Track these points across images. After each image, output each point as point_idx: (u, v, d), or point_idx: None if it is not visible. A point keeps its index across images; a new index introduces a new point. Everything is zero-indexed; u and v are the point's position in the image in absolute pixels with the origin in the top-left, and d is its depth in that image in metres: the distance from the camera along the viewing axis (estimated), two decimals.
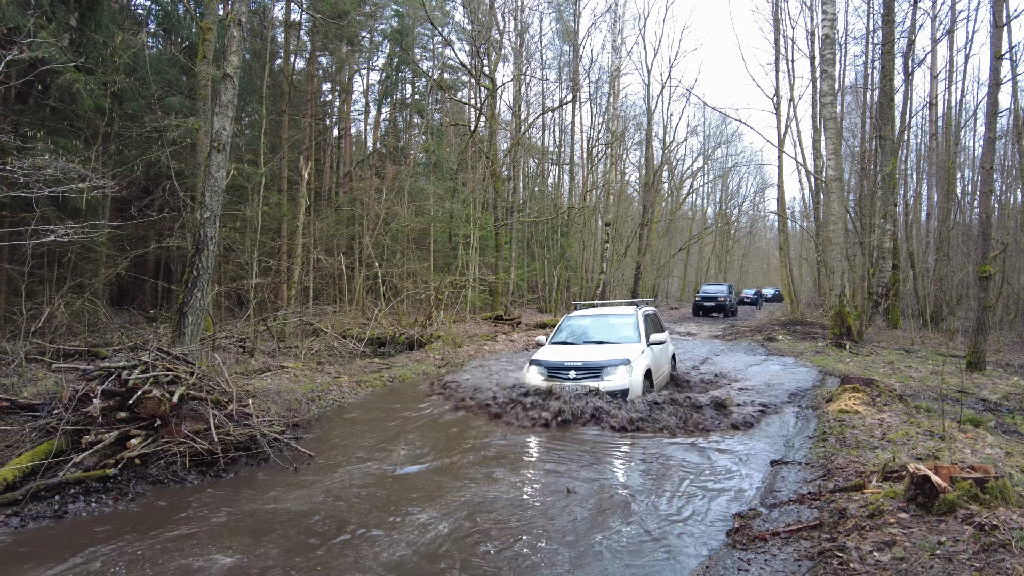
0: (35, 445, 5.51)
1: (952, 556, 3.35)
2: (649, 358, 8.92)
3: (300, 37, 25.57)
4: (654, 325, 10.35)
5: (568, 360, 8.58)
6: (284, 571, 3.83)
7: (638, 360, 8.54)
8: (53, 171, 9.12)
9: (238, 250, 16.94)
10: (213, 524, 4.57)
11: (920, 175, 33.63)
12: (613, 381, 8.22)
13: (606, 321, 10.03)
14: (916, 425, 6.88)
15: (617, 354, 8.66)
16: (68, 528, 4.52)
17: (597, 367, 8.35)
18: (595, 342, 9.44)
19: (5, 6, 9.47)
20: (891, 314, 23.42)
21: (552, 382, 8.38)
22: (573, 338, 9.82)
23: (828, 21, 15.40)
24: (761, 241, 70.17)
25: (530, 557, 4.00)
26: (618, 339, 9.39)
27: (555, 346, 9.55)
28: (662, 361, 9.78)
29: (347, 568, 3.87)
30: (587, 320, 10.24)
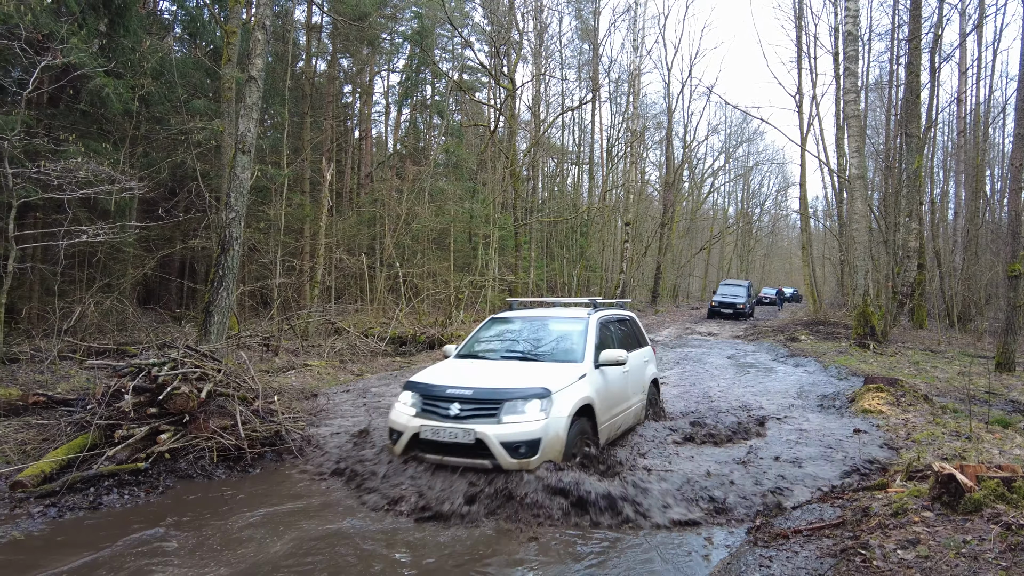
0: (70, 439, 5.68)
1: (978, 555, 3.33)
2: (591, 388, 5.74)
3: (321, 40, 25.85)
4: (620, 338, 7.13)
5: (454, 386, 5.41)
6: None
7: (565, 392, 5.36)
8: (85, 173, 9.37)
9: (262, 250, 17.19)
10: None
11: (948, 172, 33.07)
12: (515, 426, 4.99)
13: (542, 328, 6.85)
14: (942, 425, 6.80)
15: (533, 379, 5.46)
16: (103, 518, 4.66)
17: (493, 400, 5.15)
18: (517, 357, 6.34)
19: (39, 13, 9.74)
20: (917, 314, 23.06)
21: (424, 420, 5.25)
22: (488, 350, 6.64)
23: (851, 18, 15.21)
24: (783, 240, 69.44)
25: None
26: (550, 355, 6.31)
27: (459, 361, 6.46)
28: (623, 392, 6.58)
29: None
30: (516, 325, 6.99)
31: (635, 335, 7.82)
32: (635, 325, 8.02)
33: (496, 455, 4.92)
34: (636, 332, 7.92)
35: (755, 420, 7.71)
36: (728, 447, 6.60)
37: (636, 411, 7.08)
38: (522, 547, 4.26)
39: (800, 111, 29.60)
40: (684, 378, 11.47)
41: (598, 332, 6.50)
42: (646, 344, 8.03)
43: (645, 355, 7.70)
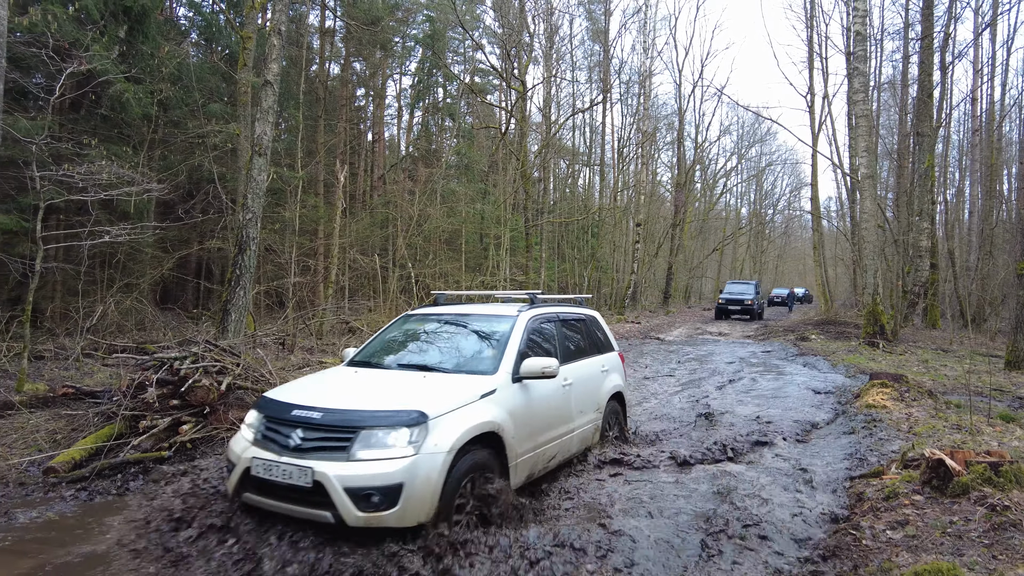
0: (98, 428, 5.95)
1: (962, 534, 3.48)
2: (500, 410, 4.38)
3: (335, 43, 26.22)
4: (567, 342, 5.87)
5: (304, 405, 4.10)
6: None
7: (452, 416, 4.00)
8: (107, 176, 9.68)
9: (277, 250, 17.51)
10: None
11: (963, 172, 32.90)
12: (368, 465, 3.69)
13: (460, 329, 5.53)
14: (944, 419, 6.91)
15: (410, 398, 4.12)
16: (129, 502, 4.91)
17: (346, 427, 3.85)
18: (415, 366, 4.95)
19: (64, 22, 10.07)
20: (930, 314, 22.98)
21: (259, 451, 3.95)
22: (385, 355, 5.30)
23: (859, 18, 15.27)
24: (797, 241, 69.09)
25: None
26: (456, 365, 4.97)
27: (344, 369, 5.17)
28: (559, 412, 5.24)
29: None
30: (430, 325, 5.71)
31: (593, 339, 6.40)
32: (594, 326, 6.58)
33: (338, 505, 3.54)
34: (595, 335, 6.47)
35: (749, 442, 6.46)
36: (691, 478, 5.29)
37: (584, 435, 5.68)
38: None
39: (811, 111, 29.58)
40: (686, 379, 11.60)
41: (525, 336, 5.10)
42: (610, 349, 6.67)
43: (604, 363, 6.30)
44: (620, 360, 6.86)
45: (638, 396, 9.47)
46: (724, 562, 3.70)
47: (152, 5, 14.50)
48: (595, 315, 6.79)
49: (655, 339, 18.92)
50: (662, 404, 9.03)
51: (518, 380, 4.69)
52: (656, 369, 12.39)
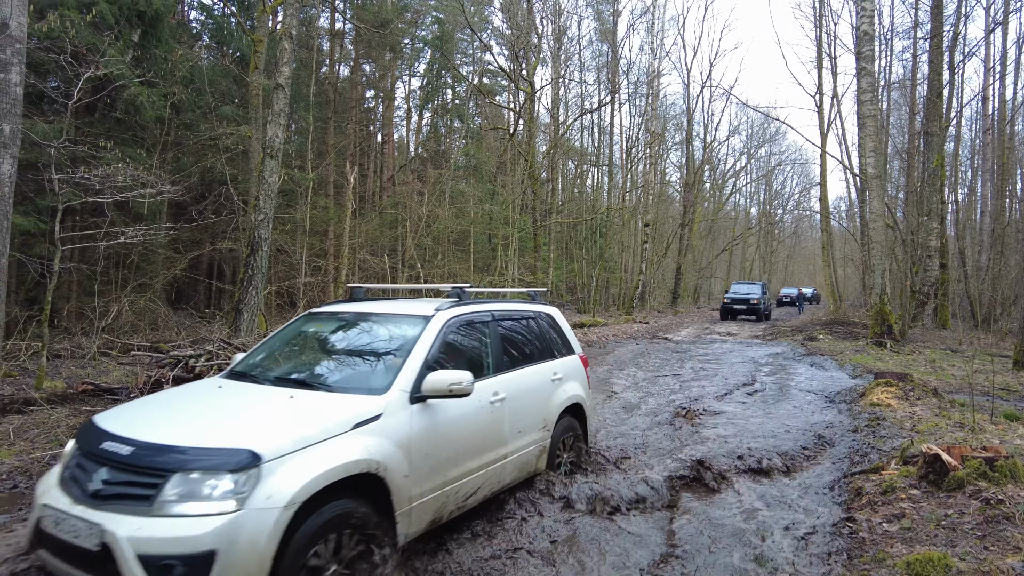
0: None
1: (956, 526, 3.57)
2: (385, 442, 3.44)
3: (345, 46, 26.46)
4: (510, 346, 4.89)
5: (119, 435, 3.17)
6: None
7: (301, 456, 3.03)
8: (123, 178, 9.88)
9: (288, 251, 17.73)
10: None
11: (974, 171, 32.72)
12: (172, 523, 2.73)
13: (365, 332, 4.52)
14: (947, 418, 6.96)
15: (247, 429, 3.22)
16: None
17: (155, 469, 2.90)
18: (294, 381, 3.96)
19: (81, 28, 10.30)
20: (940, 314, 22.89)
21: (56, 497, 3.02)
22: (267, 365, 4.29)
23: (867, 17, 15.28)
24: (807, 241, 68.80)
25: None
26: (342, 380, 4.01)
27: (215, 382, 4.20)
28: (486, 436, 4.28)
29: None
30: (331, 326, 4.70)
31: (544, 341, 5.35)
32: (548, 326, 5.55)
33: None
34: (547, 337, 5.44)
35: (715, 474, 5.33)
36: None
37: (524, 460, 4.65)
38: None
39: (820, 111, 29.52)
40: (689, 379, 11.67)
41: (439, 342, 4.08)
42: (568, 353, 5.62)
43: (558, 370, 5.25)
44: (582, 365, 5.74)
45: (635, 397, 9.51)
46: None
47: (165, 9, 14.74)
48: (551, 312, 5.74)
49: (663, 339, 18.99)
50: (655, 409, 8.37)
51: (419, 400, 3.67)
52: (660, 369, 12.47)
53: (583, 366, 5.80)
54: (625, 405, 8.67)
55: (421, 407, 3.71)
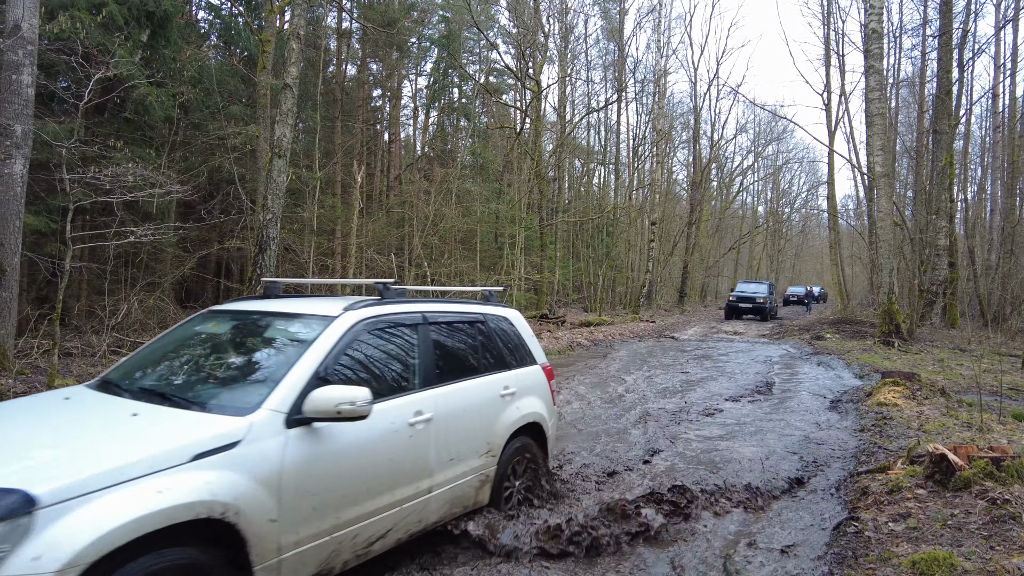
0: None
1: (962, 526, 3.57)
2: (234, 482, 2.62)
3: (352, 45, 26.53)
4: (426, 360, 3.92)
5: None
6: None
7: (104, 499, 2.26)
8: (132, 178, 9.96)
9: (296, 250, 17.81)
10: None
11: (984, 169, 32.52)
12: None
13: (258, 335, 3.81)
14: (955, 417, 6.95)
15: (23, 466, 2.36)
16: None
17: None
18: (158, 395, 3.19)
19: (91, 29, 10.38)
20: (949, 313, 22.76)
21: None
22: (142, 370, 3.65)
23: (875, 15, 15.21)
24: (815, 240, 68.56)
25: None
26: (206, 394, 3.20)
27: (60, 394, 3.46)
28: (394, 471, 3.45)
29: None
30: (226, 327, 3.93)
31: (494, 349, 4.58)
32: (502, 330, 4.77)
33: None
34: (499, 344, 4.66)
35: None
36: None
37: (457, 494, 3.87)
38: None
39: (828, 109, 29.39)
40: (693, 380, 11.67)
41: (339, 349, 3.32)
42: (528, 363, 4.85)
43: (510, 383, 4.48)
44: (545, 377, 4.95)
45: (634, 398, 9.51)
46: None
47: (174, 10, 14.82)
48: (507, 315, 4.93)
49: (670, 337, 18.98)
50: (650, 416, 7.82)
51: (300, 423, 2.92)
52: (665, 369, 12.47)
53: (547, 378, 4.98)
54: (616, 409, 8.49)
55: (303, 432, 2.92)
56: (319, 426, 2.99)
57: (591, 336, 17.95)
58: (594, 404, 8.64)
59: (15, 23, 7.45)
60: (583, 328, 20.04)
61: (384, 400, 3.39)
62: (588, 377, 10.92)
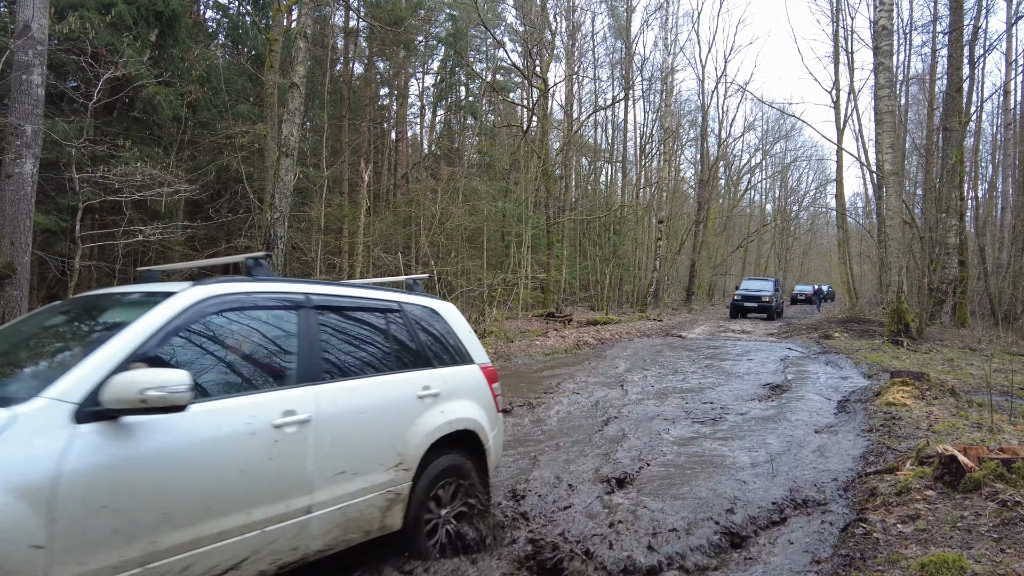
0: None
1: (972, 528, 3.55)
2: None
3: (359, 43, 26.58)
4: (310, 350, 3.18)
5: None
6: None
7: None
8: (141, 177, 10.03)
9: (304, 249, 17.88)
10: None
11: (995, 167, 32.24)
12: None
13: (100, 315, 3.20)
14: (965, 418, 6.89)
15: None
16: None
17: None
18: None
19: (101, 29, 10.45)
20: (959, 312, 22.60)
21: None
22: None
23: (884, 11, 15.09)
24: (823, 238, 68.25)
25: None
26: (11, 381, 2.67)
27: None
28: (246, 484, 2.67)
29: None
30: (63, 315, 3.33)
31: (419, 344, 3.89)
32: (427, 323, 4.06)
33: None
34: (424, 339, 3.96)
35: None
36: None
37: (348, 516, 3.11)
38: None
39: (836, 107, 29.21)
40: (694, 385, 11.62)
41: (175, 329, 2.70)
42: (460, 362, 4.11)
43: (431, 383, 3.74)
44: (484, 380, 4.17)
45: (629, 397, 9.47)
46: None
47: (182, 9, 14.90)
48: (435, 306, 4.19)
49: (677, 336, 18.92)
50: (636, 423, 7.21)
51: (99, 416, 2.28)
52: (671, 369, 12.44)
53: (487, 381, 4.17)
54: (601, 417, 7.77)
55: (104, 429, 2.27)
56: (133, 422, 2.33)
57: (598, 335, 17.93)
58: (583, 407, 8.42)
59: (25, 23, 7.49)
60: (590, 327, 20.01)
61: (236, 395, 2.76)
62: (593, 377, 10.90)
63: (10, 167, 7.32)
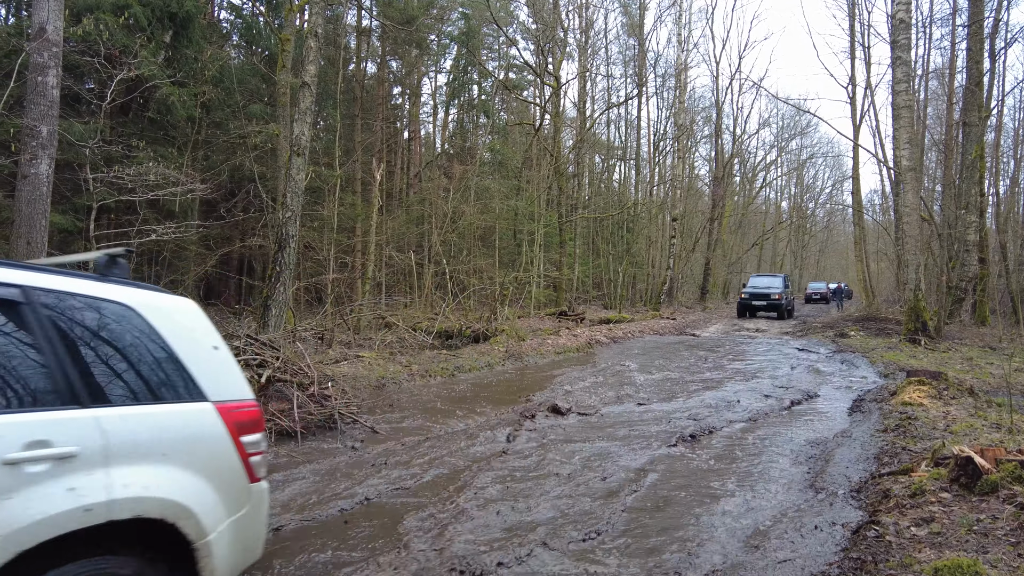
0: None
1: (988, 532, 3.46)
2: None
3: (372, 42, 26.64)
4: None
5: None
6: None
7: None
8: (155, 177, 10.11)
9: (316, 248, 17.97)
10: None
11: (1018, 162, 31.67)
12: None
13: None
14: (983, 418, 6.76)
15: None
16: None
17: None
18: None
19: (115, 30, 10.54)
20: (979, 310, 22.22)
21: None
22: None
23: (902, 4, 14.85)
24: (839, 236, 67.49)
25: None
26: None
27: None
28: None
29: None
30: None
31: (51, 364, 2.21)
32: (84, 325, 2.43)
33: None
34: (65, 355, 2.26)
35: None
36: None
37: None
38: None
39: (853, 102, 28.82)
40: (694, 391, 11.50)
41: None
42: (174, 397, 2.55)
43: (58, 436, 2.10)
44: (220, 430, 2.63)
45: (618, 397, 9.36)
46: None
47: (196, 10, 15.01)
48: (125, 299, 2.56)
49: (690, 335, 18.79)
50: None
51: None
52: (685, 372, 12.34)
53: (228, 431, 2.65)
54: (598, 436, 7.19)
55: None
56: None
57: (610, 333, 17.84)
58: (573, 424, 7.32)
59: (40, 26, 7.57)
60: (602, 325, 19.92)
61: None
62: (599, 378, 10.84)
63: (26, 168, 7.41)
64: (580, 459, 5.81)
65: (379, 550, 3.84)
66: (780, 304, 24.56)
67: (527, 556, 3.69)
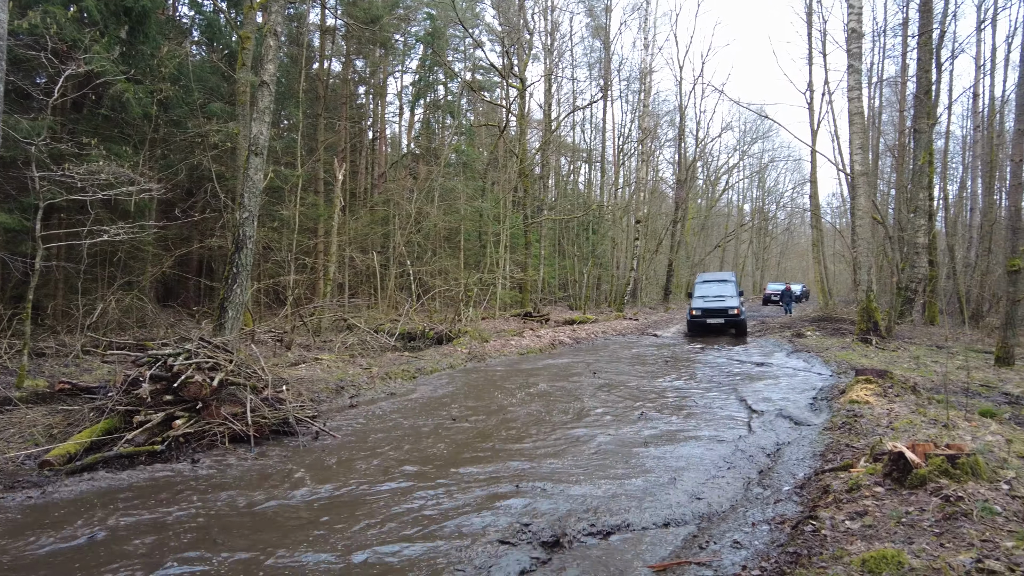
0: (93, 423, 6.12)
1: (915, 523, 3.61)
2: None
3: (336, 41, 26.36)
4: None
5: None
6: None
7: None
8: (107, 175, 9.84)
9: (276, 248, 17.70)
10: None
11: (965, 167, 32.88)
12: None
13: None
14: (923, 415, 7.02)
15: None
16: (125, 488, 5.07)
17: None
18: None
19: (63, 24, 10.24)
20: (928, 311, 23.02)
21: None
22: None
23: (854, 15, 15.32)
24: (800, 238, 69.17)
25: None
26: None
27: None
28: None
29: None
30: None
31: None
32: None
33: None
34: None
35: None
36: None
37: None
38: None
39: (811, 108, 29.57)
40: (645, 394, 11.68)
41: None
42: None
43: None
44: None
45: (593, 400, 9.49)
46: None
47: (153, 5, 14.65)
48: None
49: (652, 335, 19.05)
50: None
51: None
52: (643, 376, 12.51)
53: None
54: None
55: None
56: None
57: (574, 334, 17.99)
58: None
59: None
60: (566, 326, 20.07)
61: None
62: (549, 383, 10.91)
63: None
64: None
65: None
66: (740, 320, 19.65)
67: None
